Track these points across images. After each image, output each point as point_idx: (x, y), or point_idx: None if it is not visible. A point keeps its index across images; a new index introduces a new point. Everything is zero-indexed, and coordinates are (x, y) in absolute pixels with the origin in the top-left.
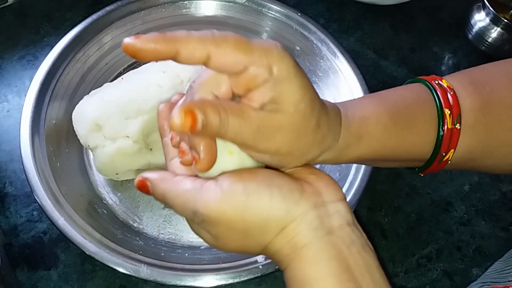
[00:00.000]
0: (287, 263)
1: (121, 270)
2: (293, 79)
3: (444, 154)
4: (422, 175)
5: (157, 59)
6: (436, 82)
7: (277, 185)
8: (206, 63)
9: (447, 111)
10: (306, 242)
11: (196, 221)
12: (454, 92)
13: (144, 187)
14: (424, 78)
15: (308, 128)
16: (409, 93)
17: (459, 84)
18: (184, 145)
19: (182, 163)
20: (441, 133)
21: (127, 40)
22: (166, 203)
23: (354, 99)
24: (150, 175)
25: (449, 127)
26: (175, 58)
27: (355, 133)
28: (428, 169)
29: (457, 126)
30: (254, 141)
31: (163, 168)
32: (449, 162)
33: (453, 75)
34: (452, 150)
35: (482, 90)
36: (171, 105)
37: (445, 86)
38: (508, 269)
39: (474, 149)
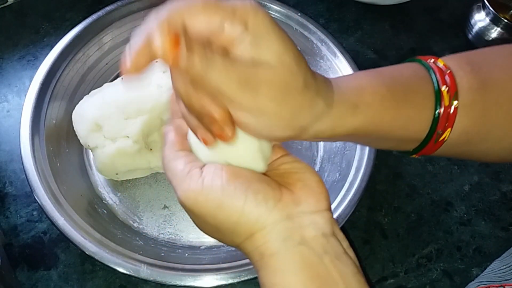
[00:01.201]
0: (257, 268)
1: (121, 270)
2: (271, 32)
3: (440, 132)
4: (416, 156)
5: (151, 60)
6: (432, 61)
7: (253, 191)
8: (185, 33)
9: (444, 88)
10: (274, 251)
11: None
12: (451, 71)
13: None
14: (420, 58)
15: (295, 86)
16: (405, 69)
17: (456, 63)
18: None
19: (205, 142)
20: (438, 110)
21: (123, 70)
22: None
23: (345, 75)
24: (169, 129)
25: (446, 104)
26: (159, 49)
27: (350, 101)
28: (423, 149)
29: (455, 104)
30: (239, 93)
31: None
32: (445, 141)
33: (450, 56)
34: (449, 129)
35: (479, 71)
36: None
37: (442, 65)
38: (505, 269)
39: (470, 130)
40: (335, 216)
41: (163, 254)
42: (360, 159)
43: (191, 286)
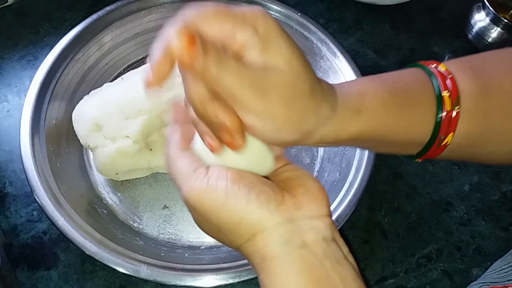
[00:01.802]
0: (258, 271)
1: (121, 270)
2: (280, 38)
3: (443, 137)
4: (420, 160)
5: (172, 67)
6: (434, 65)
7: (256, 192)
8: (200, 36)
9: (446, 93)
10: (275, 255)
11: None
12: (453, 76)
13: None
14: (421, 63)
15: (303, 90)
16: (407, 75)
17: (457, 68)
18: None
19: (212, 149)
20: (440, 114)
21: (148, 84)
22: (166, 163)
23: (348, 81)
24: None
25: (448, 109)
26: (176, 49)
27: (353, 106)
28: (427, 153)
29: (456, 109)
30: (250, 96)
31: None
32: (448, 146)
33: (451, 61)
34: (451, 134)
35: (481, 75)
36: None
37: (443, 70)
38: (507, 269)
39: (473, 134)
40: (335, 216)
41: (163, 254)
42: (360, 159)
43: (191, 286)
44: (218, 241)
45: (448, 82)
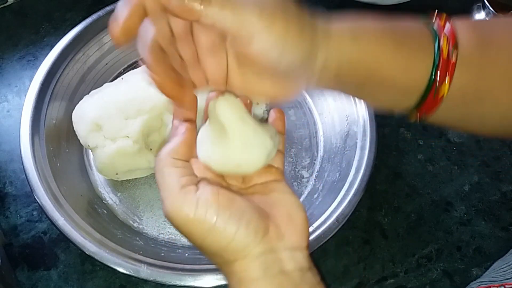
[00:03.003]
0: None
1: (121, 270)
2: None
3: (438, 86)
4: (418, 117)
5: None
6: (436, 12)
7: (246, 220)
8: None
9: (443, 40)
10: (253, 278)
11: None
12: (452, 26)
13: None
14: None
15: (294, 11)
16: (405, 20)
17: (459, 21)
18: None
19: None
20: (437, 59)
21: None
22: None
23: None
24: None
25: (445, 53)
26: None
27: (348, 32)
28: (423, 106)
29: (453, 58)
30: (248, 20)
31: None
32: (443, 98)
33: (457, 18)
34: (448, 84)
35: (481, 30)
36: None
37: (443, 18)
38: (506, 268)
39: (467, 89)
40: (335, 216)
41: (163, 254)
42: (360, 159)
43: (191, 286)
44: None
45: (447, 27)
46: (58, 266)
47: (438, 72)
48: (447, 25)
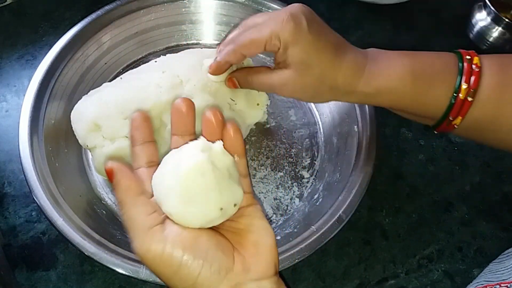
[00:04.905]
0: None
1: (120, 271)
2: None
3: (452, 119)
4: (436, 132)
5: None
6: (468, 57)
7: (210, 261)
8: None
9: (464, 85)
10: None
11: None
12: (480, 70)
13: (110, 175)
14: (461, 52)
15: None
16: (438, 61)
17: (488, 62)
18: None
19: None
20: (453, 101)
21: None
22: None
23: (387, 52)
24: (118, 169)
25: (462, 98)
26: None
27: (375, 86)
28: (439, 128)
29: (469, 98)
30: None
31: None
32: (456, 127)
33: (490, 55)
34: (460, 118)
35: (505, 70)
36: (143, 115)
37: (474, 62)
38: (502, 268)
39: (482, 122)
40: (336, 217)
41: None
42: (360, 159)
43: None
44: None
45: (472, 78)
46: (57, 266)
47: (452, 110)
48: (472, 75)
